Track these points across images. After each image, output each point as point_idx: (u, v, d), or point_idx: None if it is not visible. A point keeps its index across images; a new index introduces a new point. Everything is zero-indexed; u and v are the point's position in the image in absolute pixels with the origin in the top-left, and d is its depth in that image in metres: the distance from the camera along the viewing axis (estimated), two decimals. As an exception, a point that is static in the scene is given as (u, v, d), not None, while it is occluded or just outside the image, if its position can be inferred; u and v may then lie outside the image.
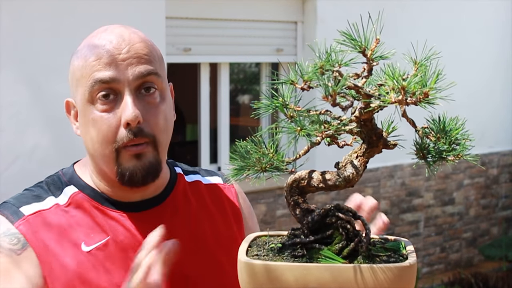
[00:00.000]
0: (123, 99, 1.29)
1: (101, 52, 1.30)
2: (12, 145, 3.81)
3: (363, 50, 0.95)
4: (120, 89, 1.29)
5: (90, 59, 1.30)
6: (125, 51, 1.30)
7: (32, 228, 1.31)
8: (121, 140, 1.29)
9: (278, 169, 0.99)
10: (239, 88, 5.97)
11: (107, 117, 1.29)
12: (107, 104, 1.29)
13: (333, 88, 0.92)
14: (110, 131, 1.29)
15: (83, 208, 1.36)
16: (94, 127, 1.30)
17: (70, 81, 1.36)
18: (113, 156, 1.30)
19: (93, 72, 1.29)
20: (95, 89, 1.29)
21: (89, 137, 1.32)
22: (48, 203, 1.35)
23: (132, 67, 1.30)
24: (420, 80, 0.88)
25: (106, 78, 1.28)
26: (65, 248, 1.31)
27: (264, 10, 5.03)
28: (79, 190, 1.38)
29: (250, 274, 0.96)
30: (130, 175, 1.31)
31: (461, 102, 5.74)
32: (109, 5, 4.10)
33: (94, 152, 1.33)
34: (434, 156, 0.97)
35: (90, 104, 1.30)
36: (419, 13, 5.74)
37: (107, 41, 1.31)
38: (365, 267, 0.92)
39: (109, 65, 1.29)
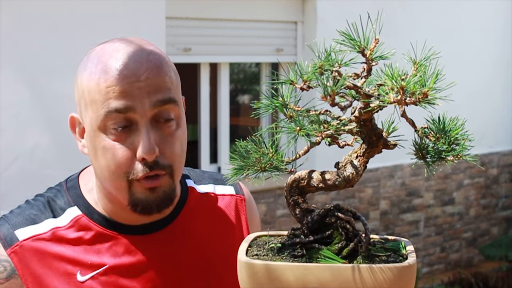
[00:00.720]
0: (137, 130, 1.21)
1: (117, 78, 1.19)
2: (12, 145, 3.81)
3: (362, 50, 0.95)
4: (136, 118, 1.20)
5: (104, 84, 1.19)
6: (143, 78, 1.20)
7: (25, 257, 1.25)
8: (136, 174, 1.21)
9: (278, 169, 0.99)
10: (239, 88, 5.97)
11: (119, 147, 1.21)
12: (121, 134, 1.21)
13: (332, 88, 0.92)
14: (124, 163, 1.21)
15: (84, 234, 1.29)
16: (105, 155, 1.22)
17: (78, 99, 1.27)
18: (125, 186, 1.22)
19: (107, 99, 1.19)
20: (108, 118, 1.19)
21: (99, 164, 1.24)
22: (45, 227, 1.29)
23: (150, 96, 1.20)
24: (419, 80, 0.88)
25: (121, 107, 1.18)
26: (58, 278, 1.25)
27: (264, 10, 5.04)
28: (82, 213, 1.31)
29: (250, 274, 0.96)
30: (144, 207, 1.24)
31: (461, 102, 5.75)
32: (109, 5, 4.10)
33: (103, 179, 1.26)
34: (433, 156, 0.97)
35: (102, 132, 1.21)
36: (419, 13, 5.74)
37: (122, 65, 1.20)
38: (364, 267, 0.92)
39: (125, 93, 1.19)
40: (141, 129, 1.20)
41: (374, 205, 5.73)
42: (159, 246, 1.32)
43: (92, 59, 1.24)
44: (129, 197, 1.23)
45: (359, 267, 0.92)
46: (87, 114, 1.23)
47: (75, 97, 1.28)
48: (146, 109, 1.20)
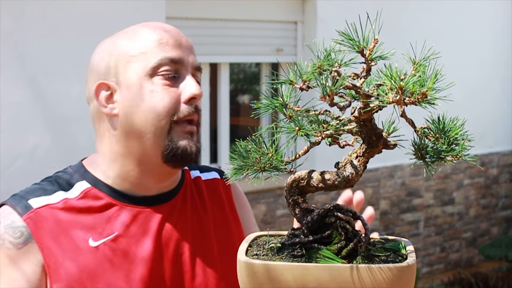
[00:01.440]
0: (182, 80, 1.36)
1: (167, 34, 1.37)
2: (12, 145, 3.81)
3: (361, 50, 0.95)
4: (182, 70, 1.37)
5: (154, 39, 1.35)
6: (185, 40, 1.40)
7: (39, 222, 1.31)
8: (181, 113, 1.35)
9: (277, 169, 0.99)
10: (239, 88, 5.97)
11: (168, 90, 1.34)
12: (168, 80, 1.35)
13: (331, 88, 0.92)
14: (172, 103, 1.34)
15: (94, 204, 1.36)
16: (154, 98, 1.33)
17: (113, 61, 1.37)
18: (166, 130, 1.34)
19: (161, 50, 1.35)
20: (161, 65, 1.34)
21: (142, 109, 1.34)
22: (56, 197, 1.35)
23: (192, 56, 1.40)
24: (418, 80, 0.88)
25: (176, 58, 1.35)
26: (72, 243, 1.31)
27: (264, 10, 5.04)
28: (92, 186, 1.38)
29: (249, 273, 0.96)
30: (183, 151, 1.35)
31: (461, 102, 5.75)
32: (110, 5, 4.10)
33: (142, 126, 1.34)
34: (433, 157, 0.97)
35: (149, 78, 1.34)
36: (419, 13, 5.74)
37: (167, 28, 1.39)
38: (364, 267, 0.92)
39: (176, 47, 1.36)
40: (187, 77, 1.37)
41: (374, 205, 5.73)
42: (163, 217, 1.40)
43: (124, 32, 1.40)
44: (168, 142, 1.34)
45: (358, 267, 0.92)
46: (129, 69, 1.35)
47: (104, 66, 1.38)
48: (190, 65, 1.38)
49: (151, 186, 1.41)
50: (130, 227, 1.36)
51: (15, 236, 1.29)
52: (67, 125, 3.98)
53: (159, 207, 1.41)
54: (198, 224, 1.47)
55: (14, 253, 1.28)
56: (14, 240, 1.29)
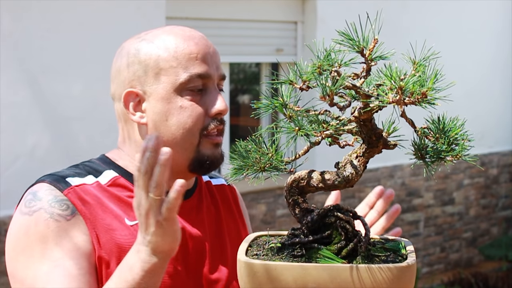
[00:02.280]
0: (208, 94, 1.39)
1: (196, 47, 1.38)
2: (12, 145, 3.81)
3: (361, 50, 0.95)
4: (209, 84, 1.39)
5: (184, 51, 1.37)
6: (212, 51, 1.42)
7: (80, 197, 1.33)
8: (210, 128, 1.38)
9: (277, 169, 0.99)
10: (239, 88, 5.97)
11: (196, 106, 1.37)
12: (195, 95, 1.37)
13: (330, 88, 0.92)
14: (200, 119, 1.37)
15: (124, 190, 1.39)
16: (182, 114, 1.36)
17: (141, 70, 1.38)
18: (196, 143, 1.37)
19: (190, 65, 1.36)
20: (191, 81, 1.36)
21: (170, 123, 1.36)
22: (89, 179, 1.38)
23: (218, 68, 1.41)
24: (418, 80, 0.88)
25: (203, 73, 1.37)
26: (111, 220, 1.34)
27: (264, 10, 5.04)
28: (119, 175, 1.41)
29: (249, 273, 0.96)
30: (211, 162, 1.39)
31: (461, 102, 5.75)
32: (110, 5, 4.10)
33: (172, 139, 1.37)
34: (432, 157, 0.97)
35: (177, 93, 1.37)
36: (419, 13, 5.74)
37: (196, 37, 1.41)
38: (363, 267, 0.92)
39: (204, 61, 1.38)
40: (213, 92, 1.40)
41: (374, 205, 5.72)
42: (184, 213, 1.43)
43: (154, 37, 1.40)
44: (196, 155, 1.38)
45: (358, 267, 0.92)
46: (158, 82, 1.37)
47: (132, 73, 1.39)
48: (216, 77, 1.41)
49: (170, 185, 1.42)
50: None
51: (61, 208, 1.31)
52: (67, 125, 3.98)
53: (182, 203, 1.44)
54: (215, 224, 1.50)
55: (65, 224, 1.30)
56: (62, 212, 1.31)
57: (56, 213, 1.30)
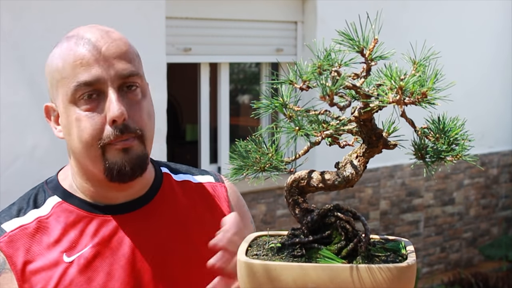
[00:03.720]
0: (106, 98, 1.29)
1: (82, 53, 1.29)
2: (12, 145, 3.81)
3: (361, 50, 0.95)
4: (103, 88, 1.29)
5: (70, 60, 1.29)
6: (105, 49, 1.29)
7: (13, 246, 1.30)
8: (107, 138, 1.29)
9: (277, 169, 0.99)
10: (239, 88, 5.97)
11: (91, 115, 1.29)
12: (90, 103, 1.29)
13: (330, 88, 0.92)
14: (96, 129, 1.29)
15: (65, 218, 1.35)
16: (79, 126, 1.29)
17: (49, 84, 1.35)
18: (99, 154, 1.30)
19: (76, 73, 1.28)
20: (77, 90, 1.28)
21: (73, 137, 1.32)
22: (29, 217, 1.35)
23: (114, 66, 1.29)
24: (418, 80, 0.88)
25: (89, 79, 1.28)
26: (47, 261, 1.31)
27: (264, 10, 5.04)
28: (62, 200, 1.37)
29: (249, 273, 0.96)
30: (119, 169, 1.31)
31: (461, 102, 5.74)
32: (110, 5, 4.10)
33: (78, 152, 1.33)
34: (433, 157, 0.97)
35: (73, 104, 1.30)
36: (419, 13, 5.74)
37: (85, 40, 1.30)
38: (363, 267, 0.92)
39: (90, 65, 1.28)
40: (109, 95, 1.28)
41: (374, 205, 5.73)
42: (136, 224, 1.38)
43: (58, 46, 1.35)
44: (104, 164, 1.31)
45: (358, 267, 0.92)
46: (58, 94, 1.32)
47: (47, 86, 1.36)
48: (112, 78, 1.29)
49: (114, 196, 1.39)
50: (103, 237, 1.35)
51: None
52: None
53: (131, 214, 1.39)
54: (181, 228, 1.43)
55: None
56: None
57: None
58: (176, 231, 1.42)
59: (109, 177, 1.32)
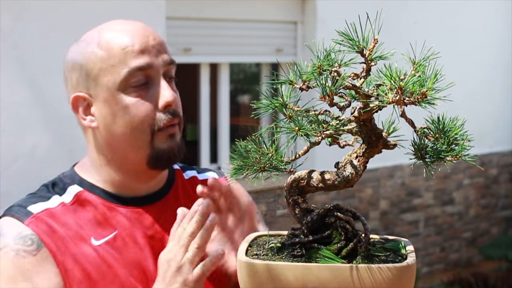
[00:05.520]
0: (155, 85, 1.33)
1: (131, 40, 1.32)
2: (12, 145, 3.81)
3: (361, 50, 0.95)
4: (153, 75, 1.33)
5: (119, 48, 1.31)
6: (152, 38, 1.34)
7: (43, 227, 1.32)
8: (160, 122, 1.33)
9: (277, 169, 0.99)
10: (239, 88, 5.97)
11: (142, 102, 1.32)
12: (140, 90, 1.32)
13: (330, 88, 0.92)
14: (148, 115, 1.32)
15: (88, 206, 1.38)
16: (129, 113, 1.32)
17: (84, 75, 1.36)
18: (149, 140, 1.33)
19: (126, 60, 1.31)
20: (131, 76, 1.31)
21: (119, 124, 1.33)
22: (54, 202, 1.37)
23: (161, 55, 1.34)
24: (418, 80, 0.88)
25: (143, 65, 1.31)
26: (77, 244, 1.33)
27: (264, 10, 5.04)
28: (83, 189, 1.40)
29: (249, 273, 0.96)
30: (168, 156, 1.35)
31: (461, 102, 5.73)
32: (110, 5, 4.10)
33: (123, 140, 1.34)
34: (432, 157, 0.97)
35: (121, 92, 1.32)
36: (420, 13, 5.74)
37: (131, 29, 1.34)
38: (363, 267, 0.92)
39: (142, 52, 1.32)
40: (160, 83, 1.33)
41: (374, 205, 5.73)
42: (156, 216, 1.41)
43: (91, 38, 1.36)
44: (151, 151, 1.34)
45: (358, 267, 0.92)
46: (102, 82, 1.33)
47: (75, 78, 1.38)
48: (160, 65, 1.34)
49: (138, 187, 1.42)
50: (125, 227, 1.38)
51: (26, 244, 1.29)
52: (67, 125, 3.97)
53: (150, 206, 1.42)
54: None
55: (32, 260, 1.28)
56: (27, 248, 1.29)
57: (22, 249, 1.29)
58: None
59: (153, 162, 1.35)
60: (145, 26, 1.37)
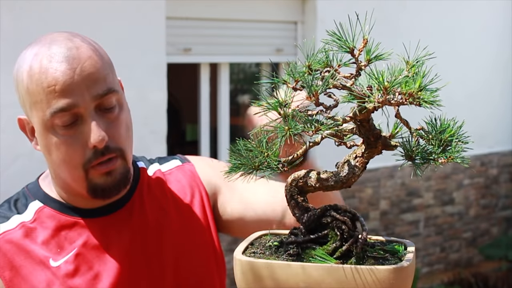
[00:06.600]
0: (84, 122, 1.26)
1: (55, 77, 1.24)
2: (12, 145, 3.81)
3: (351, 50, 0.95)
4: (81, 112, 1.26)
5: (44, 84, 1.25)
6: (78, 72, 1.25)
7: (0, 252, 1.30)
8: (89, 162, 1.28)
9: (272, 168, 0.99)
10: (239, 88, 5.97)
11: (71, 141, 1.27)
12: (69, 129, 1.27)
13: (315, 88, 0.92)
14: (77, 154, 1.27)
15: (48, 222, 1.35)
16: (58, 151, 1.28)
17: (22, 100, 1.33)
18: (82, 175, 1.29)
19: (50, 100, 1.25)
20: (54, 118, 1.25)
21: (54, 160, 1.30)
22: (13, 222, 1.34)
23: (88, 90, 1.26)
24: (405, 81, 0.88)
25: (65, 106, 1.24)
26: (33, 268, 1.30)
27: (264, 10, 5.04)
28: (44, 205, 1.37)
29: (243, 271, 0.96)
30: (103, 190, 1.31)
31: (461, 102, 5.74)
32: (110, 5, 4.10)
33: (61, 172, 1.32)
34: (423, 158, 0.96)
35: (49, 131, 1.27)
36: (419, 14, 5.74)
37: (57, 63, 1.26)
38: (353, 268, 0.92)
39: (65, 91, 1.24)
40: (88, 120, 1.26)
41: (374, 205, 5.73)
42: (119, 225, 1.38)
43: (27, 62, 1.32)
44: (88, 184, 1.30)
45: (348, 267, 0.92)
46: (33, 115, 1.29)
47: (18, 99, 1.35)
48: (88, 102, 1.26)
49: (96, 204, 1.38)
50: (88, 241, 1.35)
51: None
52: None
53: (114, 215, 1.39)
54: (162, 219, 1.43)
55: None
56: None
57: None
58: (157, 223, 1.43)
59: (93, 195, 1.32)
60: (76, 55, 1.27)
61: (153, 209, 1.44)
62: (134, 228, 1.39)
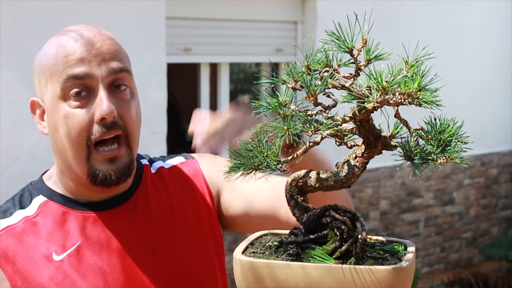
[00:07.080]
0: (96, 96, 1.28)
1: (74, 47, 1.28)
2: (12, 145, 3.81)
3: (350, 50, 0.95)
4: (93, 85, 1.28)
5: (62, 55, 1.28)
6: (98, 46, 1.29)
7: (2, 247, 1.30)
8: (94, 135, 1.27)
9: (271, 168, 0.99)
10: (239, 88, 5.97)
11: (80, 112, 1.27)
12: (80, 100, 1.27)
13: (313, 88, 0.92)
14: (83, 127, 1.27)
15: (52, 216, 1.35)
16: (66, 123, 1.28)
17: (37, 80, 1.34)
18: (84, 155, 1.29)
19: (66, 68, 1.27)
20: (68, 85, 1.27)
21: (59, 134, 1.30)
22: (16, 217, 1.34)
23: (105, 63, 1.29)
24: (403, 81, 0.88)
25: (79, 74, 1.27)
26: (37, 263, 1.30)
27: (264, 10, 5.04)
28: (47, 199, 1.37)
29: (242, 271, 0.96)
30: (104, 178, 1.30)
31: (461, 102, 5.74)
32: (110, 5, 4.10)
33: (64, 151, 1.31)
34: (422, 158, 0.96)
35: (62, 101, 1.28)
36: (419, 14, 5.74)
37: (78, 36, 1.30)
38: (352, 268, 0.92)
39: (82, 61, 1.27)
40: (99, 93, 1.27)
41: (374, 205, 5.73)
42: (122, 219, 1.38)
43: (46, 44, 1.33)
44: (88, 168, 1.30)
45: (347, 267, 0.92)
46: (48, 90, 1.30)
47: (35, 83, 1.35)
48: (103, 75, 1.28)
49: (98, 196, 1.38)
50: (91, 234, 1.34)
51: None
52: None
53: (117, 209, 1.38)
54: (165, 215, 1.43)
55: None
56: None
57: None
58: (161, 219, 1.42)
59: (92, 181, 1.31)
60: (100, 33, 1.33)
61: (157, 204, 1.43)
62: (138, 222, 1.39)
